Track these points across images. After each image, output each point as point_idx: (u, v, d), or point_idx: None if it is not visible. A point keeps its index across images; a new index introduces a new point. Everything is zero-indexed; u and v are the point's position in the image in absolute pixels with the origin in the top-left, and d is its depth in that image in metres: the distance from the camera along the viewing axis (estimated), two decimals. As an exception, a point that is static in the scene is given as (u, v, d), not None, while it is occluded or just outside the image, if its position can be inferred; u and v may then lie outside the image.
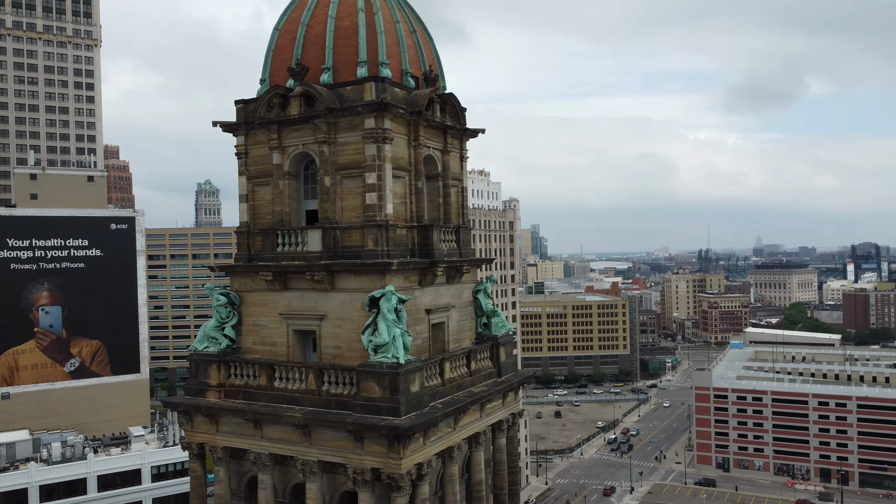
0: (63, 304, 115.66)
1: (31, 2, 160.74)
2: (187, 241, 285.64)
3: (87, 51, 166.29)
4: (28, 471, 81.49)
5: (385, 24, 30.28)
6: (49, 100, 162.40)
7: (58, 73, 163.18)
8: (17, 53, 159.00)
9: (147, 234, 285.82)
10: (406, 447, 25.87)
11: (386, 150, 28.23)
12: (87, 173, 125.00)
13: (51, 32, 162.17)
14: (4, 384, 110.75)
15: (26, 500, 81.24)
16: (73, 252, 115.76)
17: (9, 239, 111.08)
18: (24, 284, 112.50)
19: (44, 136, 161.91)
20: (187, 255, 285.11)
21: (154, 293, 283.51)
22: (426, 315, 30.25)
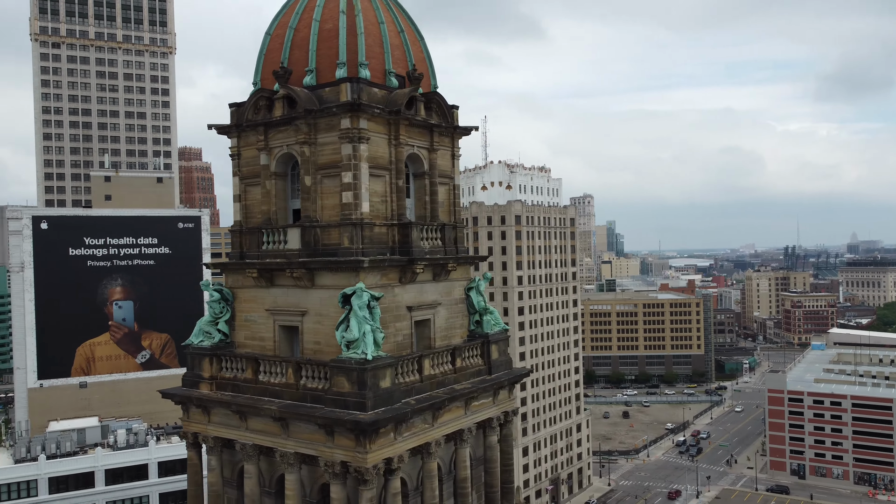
0: (135, 299, 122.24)
1: (112, 14, 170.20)
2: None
3: (162, 58, 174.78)
4: (95, 455, 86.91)
5: (367, 26, 30.75)
6: (128, 105, 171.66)
7: (136, 81, 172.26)
8: (100, 63, 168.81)
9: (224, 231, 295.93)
10: (373, 442, 26.31)
11: (362, 150, 28.70)
12: (157, 175, 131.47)
13: (129, 42, 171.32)
14: (82, 374, 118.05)
15: (93, 483, 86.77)
16: (143, 250, 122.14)
17: (86, 237, 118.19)
18: (99, 280, 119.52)
19: (123, 140, 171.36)
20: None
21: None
22: (408, 312, 30.58)
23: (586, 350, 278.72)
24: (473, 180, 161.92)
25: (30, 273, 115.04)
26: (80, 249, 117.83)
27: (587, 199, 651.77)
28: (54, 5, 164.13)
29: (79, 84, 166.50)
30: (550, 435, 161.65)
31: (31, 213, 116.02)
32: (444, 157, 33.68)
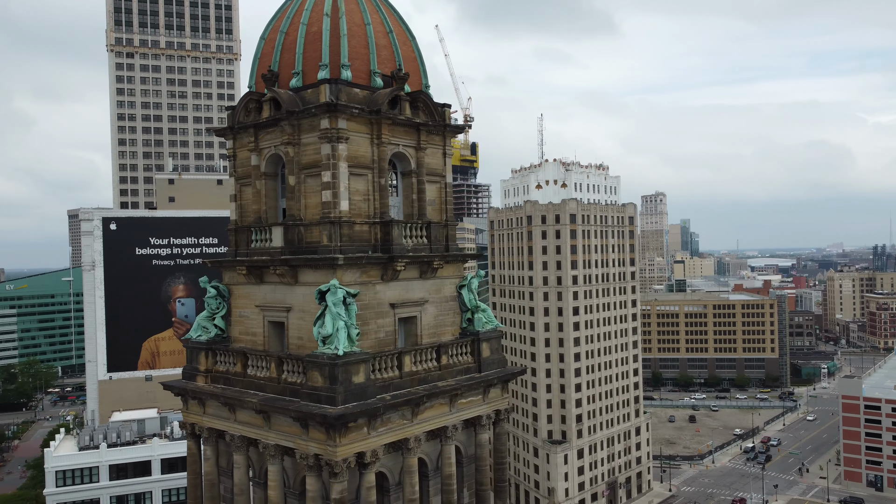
0: (196, 297, 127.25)
1: (182, 23, 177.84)
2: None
3: (227, 64, 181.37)
4: (152, 445, 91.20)
5: (351, 28, 31.31)
6: (196, 111, 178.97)
7: (203, 87, 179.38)
8: (170, 70, 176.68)
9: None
10: (343, 436, 26.83)
11: (340, 149, 29.26)
12: (217, 177, 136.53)
13: (197, 50, 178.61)
14: (147, 367, 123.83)
15: (150, 471, 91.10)
16: (204, 249, 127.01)
17: (151, 238, 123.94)
18: (163, 278, 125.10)
19: (192, 144, 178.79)
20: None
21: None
22: (391, 309, 30.96)
23: (653, 352, 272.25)
24: (528, 179, 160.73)
25: (100, 271, 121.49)
26: (146, 249, 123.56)
27: (659, 196, 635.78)
28: (128, 17, 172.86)
29: (151, 91, 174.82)
30: (607, 438, 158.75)
31: (101, 214, 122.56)
32: (435, 156, 33.91)
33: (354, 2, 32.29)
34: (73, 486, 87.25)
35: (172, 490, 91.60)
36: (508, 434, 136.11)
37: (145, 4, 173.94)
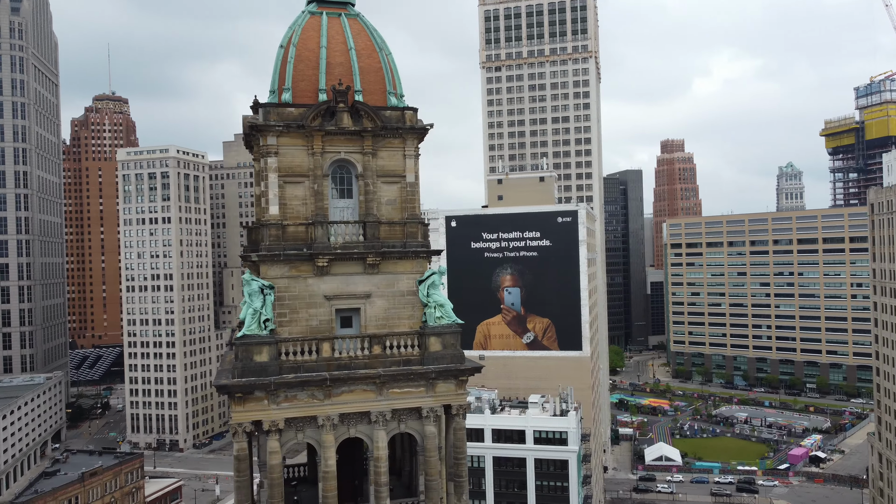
0: (521, 287, 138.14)
1: (541, 32, 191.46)
2: (722, 230, 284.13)
3: (583, 63, 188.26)
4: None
5: (302, 53, 35.75)
6: (554, 112, 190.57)
7: (560, 88, 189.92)
8: (531, 77, 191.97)
9: (683, 224, 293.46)
10: (238, 404, 32.12)
11: (270, 162, 34.26)
12: (539, 175, 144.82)
13: (555, 54, 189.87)
14: (480, 348, 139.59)
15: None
16: (528, 243, 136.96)
17: (483, 233, 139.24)
18: (493, 269, 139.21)
19: (550, 144, 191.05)
20: (722, 242, 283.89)
21: (691, 280, 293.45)
22: (326, 301, 34.59)
23: None
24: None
25: (444, 263, 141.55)
26: (479, 243, 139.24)
27: None
28: (496, 35, 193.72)
29: (515, 99, 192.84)
30: None
31: (444, 213, 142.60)
32: (393, 158, 35.92)
33: (314, 28, 36.55)
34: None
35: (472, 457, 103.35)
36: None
37: (510, 21, 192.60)
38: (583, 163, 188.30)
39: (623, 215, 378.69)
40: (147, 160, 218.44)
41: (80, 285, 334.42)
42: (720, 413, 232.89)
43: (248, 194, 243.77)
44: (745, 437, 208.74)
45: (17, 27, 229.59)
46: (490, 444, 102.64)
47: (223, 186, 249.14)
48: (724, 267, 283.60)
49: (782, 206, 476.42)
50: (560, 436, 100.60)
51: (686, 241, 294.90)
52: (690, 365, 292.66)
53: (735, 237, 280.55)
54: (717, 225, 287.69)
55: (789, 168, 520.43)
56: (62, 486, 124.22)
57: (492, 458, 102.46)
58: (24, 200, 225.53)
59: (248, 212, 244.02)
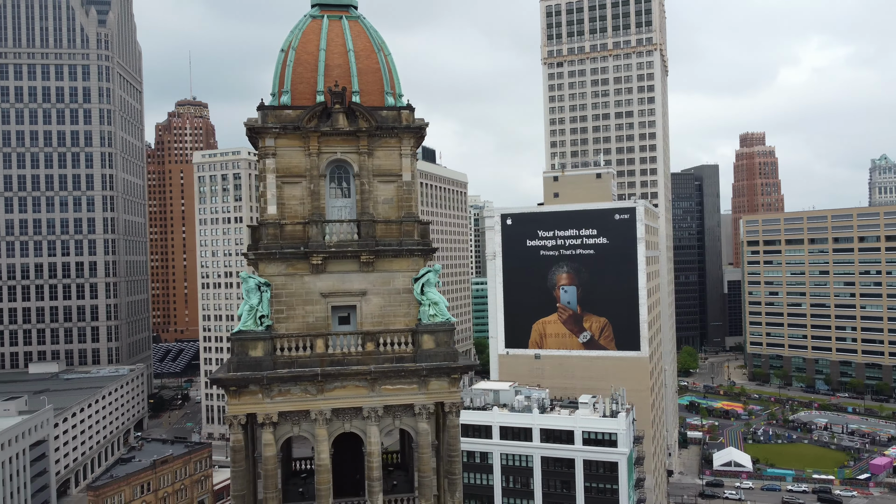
0: (577, 285, 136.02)
1: (604, 26, 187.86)
2: (803, 226, 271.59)
3: (647, 56, 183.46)
4: (491, 413, 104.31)
5: (301, 56, 36.64)
6: (617, 106, 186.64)
7: (624, 82, 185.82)
8: (593, 72, 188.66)
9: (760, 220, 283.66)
10: (233, 397, 33.35)
11: (268, 163, 35.31)
12: (595, 171, 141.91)
13: (618, 48, 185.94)
14: (536, 347, 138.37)
15: (491, 434, 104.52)
16: (584, 240, 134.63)
17: (539, 230, 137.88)
18: (549, 267, 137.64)
19: (613, 140, 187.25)
20: (803, 239, 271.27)
21: (769, 279, 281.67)
22: (322, 298, 35.37)
23: None
24: None
25: (499, 261, 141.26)
26: (535, 241, 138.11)
27: None
28: (558, 31, 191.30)
29: (577, 94, 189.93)
30: None
31: (500, 211, 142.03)
32: (390, 157, 36.33)
33: (315, 32, 37.38)
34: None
35: (509, 455, 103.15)
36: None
37: (572, 16, 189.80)
38: (647, 158, 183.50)
39: (698, 212, 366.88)
40: (220, 162, 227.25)
41: (163, 282, 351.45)
42: (798, 418, 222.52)
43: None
44: (823, 445, 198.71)
45: (103, 38, 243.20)
46: (538, 444, 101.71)
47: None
48: (804, 265, 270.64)
49: (875, 201, 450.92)
50: (609, 437, 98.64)
51: (763, 239, 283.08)
52: (768, 367, 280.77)
53: (817, 234, 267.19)
54: (797, 221, 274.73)
55: (883, 160, 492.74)
56: (135, 472, 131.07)
57: (540, 457, 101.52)
58: (110, 202, 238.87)
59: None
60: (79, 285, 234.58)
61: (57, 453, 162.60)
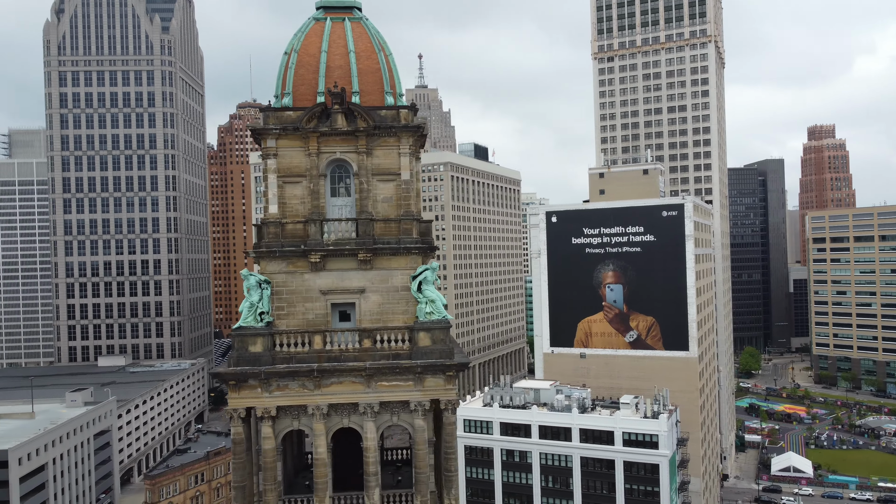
0: (623, 283, 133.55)
1: (656, 19, 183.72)
2: (873, 222, 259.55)
3: (701, 48, 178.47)
4: (531, 412, 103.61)
5: (303, 58, 37.43)
6: (670, 101, 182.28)
7: (677, 76, 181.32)
8: (645, 66, 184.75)
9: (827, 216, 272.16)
10: (234, 390, 34.37)
11: (269, 164, 36.23)
12: (643, 167, 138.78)
13: (671, 40, 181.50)
14: (581, 346, 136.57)
15: (530, 433, 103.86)
16: (631, 238, 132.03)
17: (584, 228, 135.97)
18: (594, 265, 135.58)
19: (666, 135, 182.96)
20: (873, 236, 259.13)
21: (837, 278, 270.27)
22: (322, 295, 36.05)
23: None
24: None
25: (544, 259, 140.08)
26: (580, 239, 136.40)
27: None
28: (608, 25, 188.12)
29: (628, 89, 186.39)
30: None
31: (545, 209, 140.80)
32: (389, 156, 36.73)
33: (317, 34, 38.08)
34: (474, 433, 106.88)
35: (548, 455, 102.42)
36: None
37: (623, 9, 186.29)
38: (701, 154, 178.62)
39: (762, 208, 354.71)
40: None
41: (225, 279, 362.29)
42: (865, 423, 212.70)
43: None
44: (892, 452, 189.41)
45: (166, 44, 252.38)
46: (577, 444, 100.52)
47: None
48: (874, 263, 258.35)
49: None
50: (650, 439, 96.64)
51: (830, 236, 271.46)
52: (835, 370, 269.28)
53: (889, 230, 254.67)
54: (867, 217, 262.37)
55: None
56: (189, 462, 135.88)
57: (579, 458, 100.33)
58: (173, 202, 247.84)
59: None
60: (144, 282, 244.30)
61: (120, 443, 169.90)
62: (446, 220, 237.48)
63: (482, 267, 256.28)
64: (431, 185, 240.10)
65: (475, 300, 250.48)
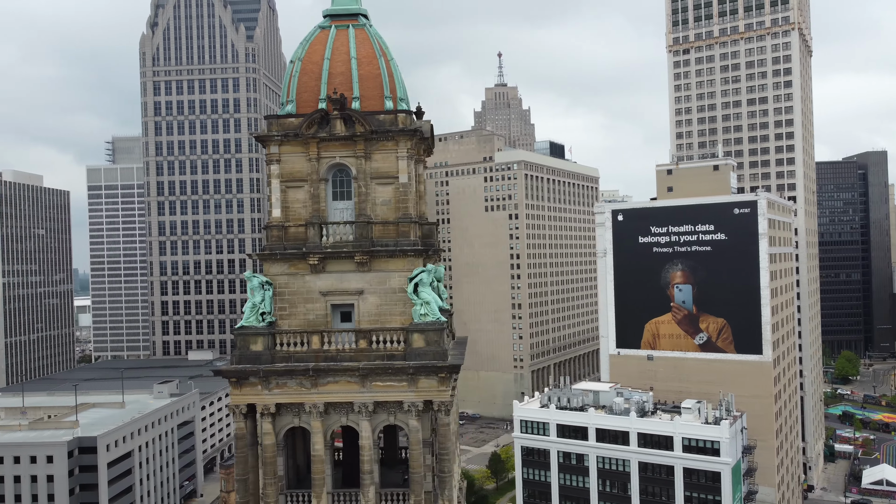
0: (693, 284, 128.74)
1: (735, 8, 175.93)
2: None
3: (783, 37, 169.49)
4: (587, 414, 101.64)
5: (306, 66, 38.53)
6: (749, 93, 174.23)
7: (757, 66, 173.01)
8: (723, 58, 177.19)
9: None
10: (235, 387, 35.87)
11: (272, 169, 37.52)
12: (713, 163, 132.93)
13: (750, 30, 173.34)
14: (648, 347, 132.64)
15: (587, 436, 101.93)
16: (700, 236, 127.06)
17: (651, 226, 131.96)
18: (662, 265, 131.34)
19: (745, 128, 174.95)
20: None
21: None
22: (322, 296, 37.02)
23: None
24: None
25: (610, 258, 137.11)
26: (647, 237, 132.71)
27: None
28: (684, 16, 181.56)
29: (705, 82, 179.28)
30: None
31: (610, 207, 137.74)
32: (387, 160, 37.32)
33: (322, 42, 39.08)
34: (531, 434, 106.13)
35: (605, 458, 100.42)
36: None
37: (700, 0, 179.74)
38: (784, 147, 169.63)
39: (862, 203, 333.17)
40: None
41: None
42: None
43: (443, 192, 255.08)
44: None
45: (251, 52, 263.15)
46: (635, 449, 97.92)
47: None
48: None
49: None
50: (711, 445, 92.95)
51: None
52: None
53: None
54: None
55: None
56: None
57: (637, 462, 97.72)
58: (257, 203, 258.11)
59: (444, 209, 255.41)
60: (230, 281, 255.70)
61: (204, 433, 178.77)
62: (520, 218, 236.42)
63: (557, 266, 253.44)
64: (505, 183, 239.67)
65: (550, 299, 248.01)
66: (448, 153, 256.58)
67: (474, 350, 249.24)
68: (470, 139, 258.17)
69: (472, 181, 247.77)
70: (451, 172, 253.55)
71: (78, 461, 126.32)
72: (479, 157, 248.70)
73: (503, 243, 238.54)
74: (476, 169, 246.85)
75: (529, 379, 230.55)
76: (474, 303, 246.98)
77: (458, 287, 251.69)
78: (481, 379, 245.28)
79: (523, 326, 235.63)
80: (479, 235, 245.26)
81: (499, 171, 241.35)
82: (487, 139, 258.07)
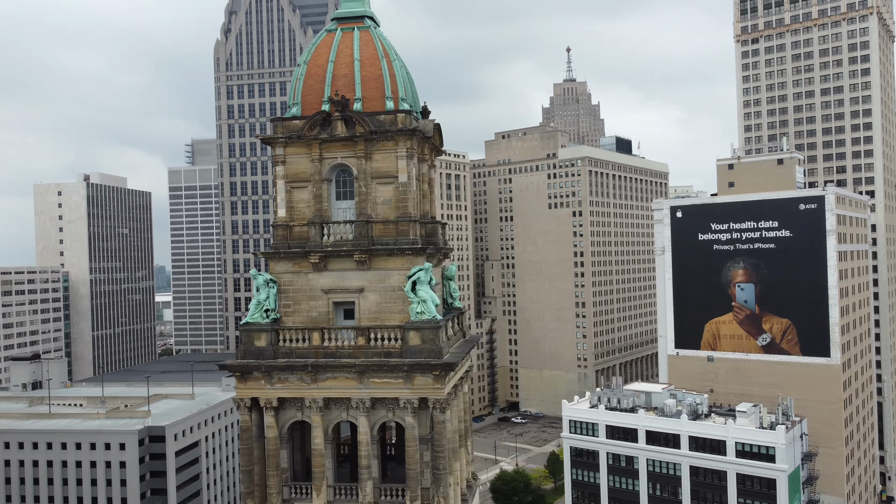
0: (755, 282, 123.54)
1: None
2: None
3: (861, 22, 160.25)
4: (637, 416, 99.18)
5: (312, 69, 39.45)
6: (824, 82, 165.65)
7: (832, 54, 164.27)
8: (795, 46, 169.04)
9: None
10: (240, 382, 37.17)
11: (278, 170, 38.64)
12: (777, 157, 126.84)
13: (825, 16, 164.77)
14: (709, 348, 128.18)
15: (636, 438, 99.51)
16: (763, 233, 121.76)
17: (712, 223, 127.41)
18: (723, 263, 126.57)
19: (819, 119, 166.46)
20: None
21: None
22: (324, 294, 37.88)
23: None
24: None
25: (668, 256, 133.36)
26: (707, 234, 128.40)
27: None
28: (753, 4, 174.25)
29: (775, 72, 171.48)
30: None
31: (669, 203, 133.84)
32: (387, 160, 37.84)
33: (327, 45, 39.89)
34: (580, 434, 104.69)
35: (655, 461, 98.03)
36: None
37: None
38: (861, 139, 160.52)
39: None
40: (444, 161, 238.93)
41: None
42: None
43: (507, 190, 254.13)
44: None
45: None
46: (686, 452, 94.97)
47: (485, 183, 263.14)
48: None
49: None
50: (767, 451, 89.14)
51: None
52: None
53: None
54: None
55: None
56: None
57: (688, 466, 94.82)
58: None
59: (507, 207, 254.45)
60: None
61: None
62: (584, 215, 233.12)
63: (623, 264, 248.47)
64: (569, 180, 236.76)
65: (615, 297, 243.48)
66: (511, 150, 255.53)
67: (537, 348, 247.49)
68: (533, 136, 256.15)
69: (536, 178, 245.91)
70: (515, 170, 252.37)
71: (148, 449, 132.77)
72: (543, 154, 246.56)
73: (567, 241, 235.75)
74: (539, 166, 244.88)
75: (593, 378, 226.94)
76: (538, 301, 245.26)
77: (522, 285, 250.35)
78: (544, 378, 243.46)
79: (587, 325, 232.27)
80: (543, 233, 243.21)
81: (562, 167, 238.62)
82: (551, 135, 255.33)
